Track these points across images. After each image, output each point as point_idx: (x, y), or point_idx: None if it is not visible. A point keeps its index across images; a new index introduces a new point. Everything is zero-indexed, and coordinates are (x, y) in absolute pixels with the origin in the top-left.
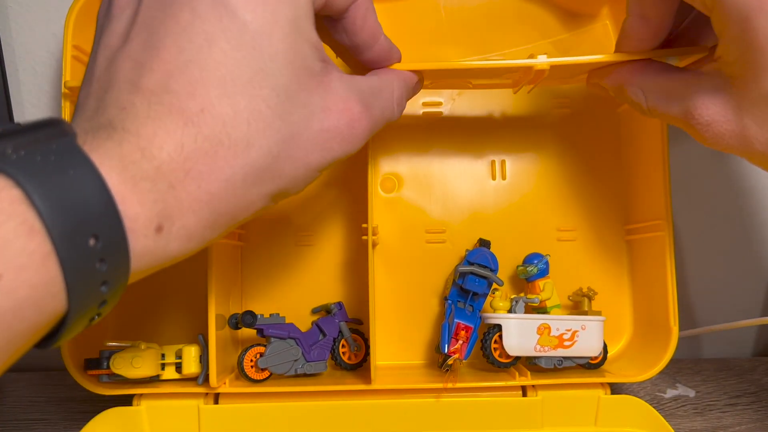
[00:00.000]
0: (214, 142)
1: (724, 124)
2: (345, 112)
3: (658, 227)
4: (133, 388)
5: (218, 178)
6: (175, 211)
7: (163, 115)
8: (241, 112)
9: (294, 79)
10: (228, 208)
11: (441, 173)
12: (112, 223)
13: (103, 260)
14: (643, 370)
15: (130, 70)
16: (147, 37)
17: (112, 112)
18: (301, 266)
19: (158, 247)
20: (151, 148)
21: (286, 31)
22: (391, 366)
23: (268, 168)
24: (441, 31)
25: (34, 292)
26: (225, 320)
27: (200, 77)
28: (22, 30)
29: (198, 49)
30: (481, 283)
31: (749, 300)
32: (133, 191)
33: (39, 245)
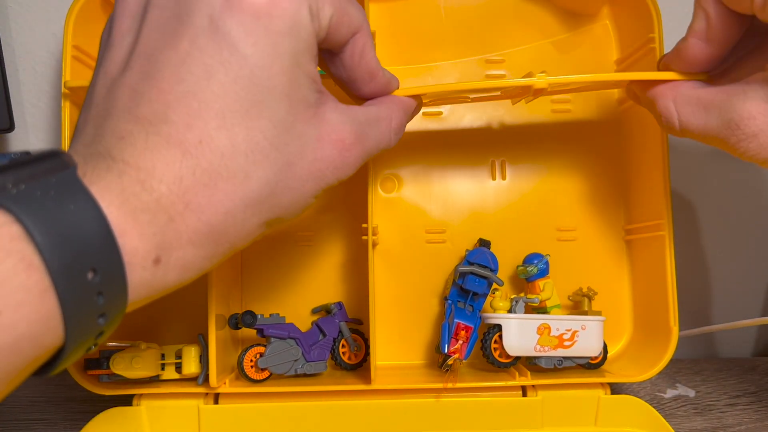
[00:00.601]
0: (213, 174)
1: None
2: (337, 143)
3: (658, 227)
4: (133, 388)
5: (218, 211)
6: (174, 243)
7: (161, 146)
8: (239, 144)
9: (291, 110)
10: (227, 239)
11: (441, 173)
12: (110, 257)
13: (101, 293)
14: (643, 370)
15: (129, 98)
16: (146, 66)
17: (110, 141)
18: (301, 266)
19: (155, 279)
20: (151, 180)
21: (285, 65)
22: (391, 366)
23: (266, 198)
24: (441, 31)
25: (32, 328)
26: (225, 320)
27: (198, 109)
28: (22, 30)
29: (197, 80)
30: (481, 283)
31: (749, 300)
32: (133, 225)
33: (37, 281)
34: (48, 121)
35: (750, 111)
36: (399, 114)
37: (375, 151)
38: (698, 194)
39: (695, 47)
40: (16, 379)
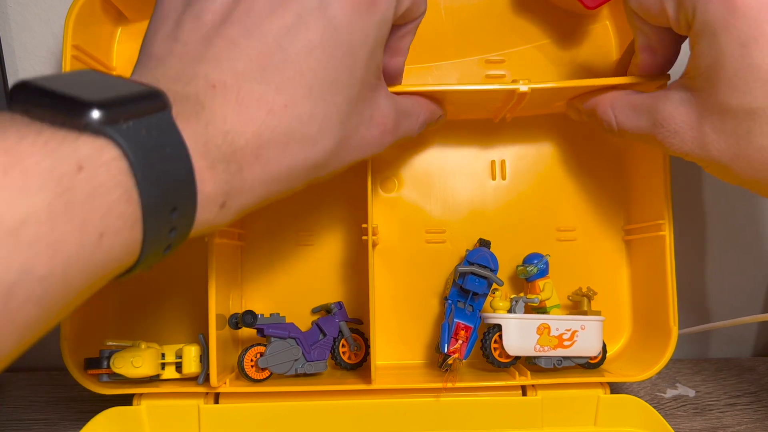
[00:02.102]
0: (288, 135)
1: (689, 131)
2: (381, 125)
3: (658, 227)
4: (133, 387)
5: (281, 165)
6: (237, 190)
7: (251, 103)
8: (318, 114)
9: (361, 91)
10: (278, 189)
11: (441, 173)
12: (190, 200)
13: (174, 228)
14: (642, 370)
15: (228, 50)
16: (250, 26)
17: (201, 86)
18: (301, 266)
19: (216, 219)
20: (234, 134)
21: (369, 52)
22: (391, 366)
23: (323, 163)
24: (441, 31)
25: (121, 252)
26: (225, 320)
27: (292, 77)
28: (22, 30)
29: (297, 52)
30: (481, 283)
31: (749, 300)
32: (211, 173)
33: (132, 213)
34: None
35: (670, 112)
36: (426, 113)
37: (402, 137)
38: (698, 194)
39: (647, 61)
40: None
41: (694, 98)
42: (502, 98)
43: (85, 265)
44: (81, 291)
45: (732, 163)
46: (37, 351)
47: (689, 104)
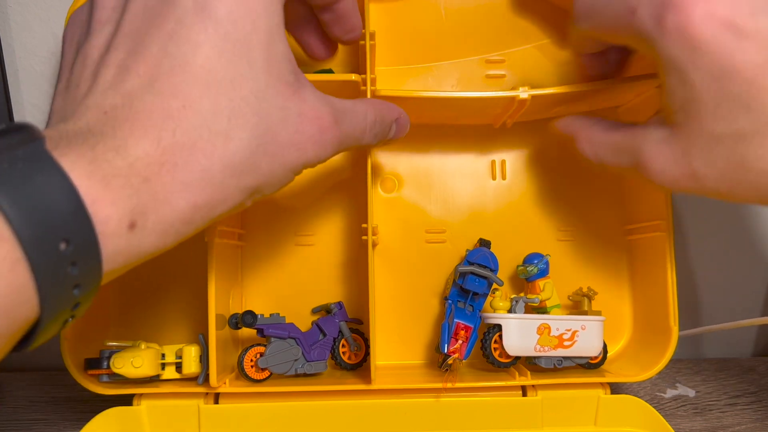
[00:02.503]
0: (193, 135)
1: (676, 169)
2: (316, 120)
3: (658, 227)
4: (133, 387)
5: (194, 169)
6: (149, 205)
7: (144, 114)
8: (223, 110)
9: (271, 84)
10: (204, 200)
11: (441, 173)
12: (82, 227)
13: (75, 263)
14: (642, 370)
15: (115, 75)
16: (132, 45)
17: (92, 117)
18: (301, 266)
19: (131, 245)
20: (126, 146)
21: (262, 41)
22: (391, 366)
23: (246, 161)
24: (441, 31)
25: (5, 300)
26: (225, 320)
27: (184, 79)
28: (22, 30)
29: (183, 54)
30: (481, 283)
31: (749, 300)
32: (105, 190)
33: (8, 252)
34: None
35: (653, 152)
36: (373, 112)
37: (350, 142)
38: None
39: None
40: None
41: (676, 134)
42: (502, 105)
43: None
44: None
45: (731, 191)
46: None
47: (671, 141)
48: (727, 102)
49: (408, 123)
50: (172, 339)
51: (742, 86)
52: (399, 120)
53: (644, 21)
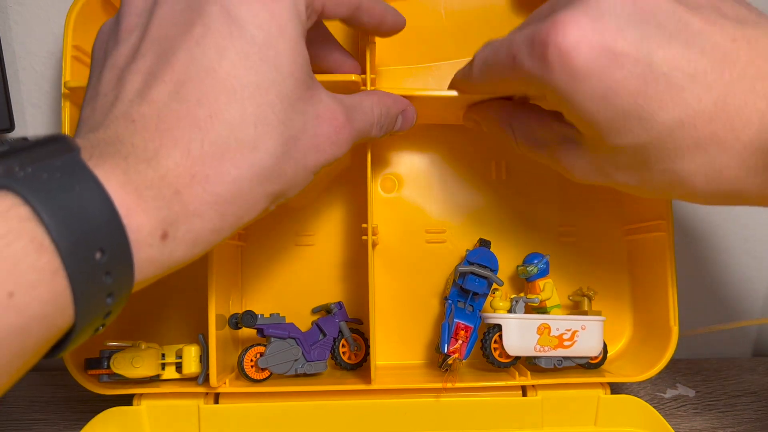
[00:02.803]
0: (221, 145)
1: (585, 166)
2: (332, 121)
3: (658, 227)
4: (133, 387)
5: (224, 180)
6: (180, 216)
7: (172, 123)
8: (249, 117)
9: (294, 88)
10: (233, 210)
11: (441, 173)
12: (117, 237)
13: (109, 273)
14: (643, 370)
15: (141, 83)
16: (159, 52)
17: (121, 125)
18: (301, 266)
19: (163, 255)
20: (158, 157)
21: (289, 45)
22: (391, 366)
23: (272, 168)
24: (441, 31)
25: (44, 308)
26: (225, 320)
27: (210, 86)
28: (22, 30)
29: (209, 59)
30: (481, 283)
31: (749, 300)
32: (138, 201)
33: (48, 262)
34: (48, 121)
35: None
36: (379, 105)
37: (362, 134)
38: None
39: None
40: (29, 361)
41: (583, 146)
42: None
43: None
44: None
45: (640, 186)
46: None
47: (579, 145)
48: (619, 117)
49: (414, 115)
50: (172, 339)
51: (628, 99)
52: (405, 112)
53: (525, 63)
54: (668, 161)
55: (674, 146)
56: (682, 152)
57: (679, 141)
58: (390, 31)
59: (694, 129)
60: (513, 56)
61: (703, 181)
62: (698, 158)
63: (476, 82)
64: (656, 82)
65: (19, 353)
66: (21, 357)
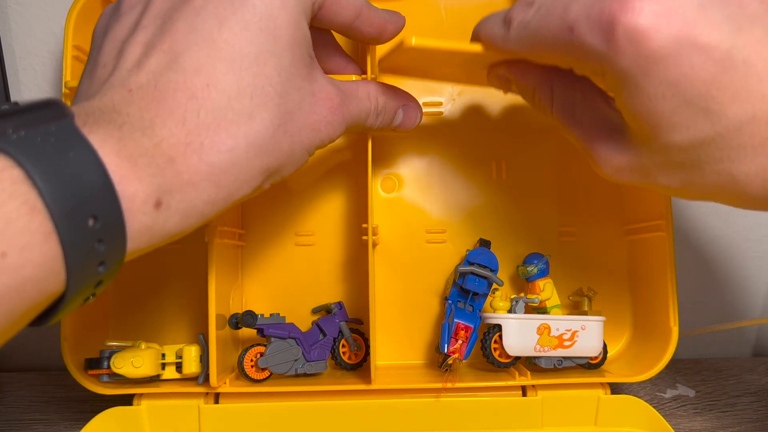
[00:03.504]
0: (217, 115)
1: (623, 162)
2: (327, 101)
3: (658, 227)
4: (133, 387)
5: (220, 149)
6: (174, 185)
7: (168, 93)
8: (245, 88)
9: (293, 63)
10: (228, 181)
11: (441, 173)
12: (110, 204)
13: (101, 240)
14: (643, 370)
15: (141, 53)
16: (160, 23)
17: (117, 95)
18: (301, 266)
19: (156, 224)
20: (153, 126)
21: (290, 19)
22: (391, 366)
23: (268, 140)
24: (441, 31)
25: (36, 271)
26: (225, 320)
27: (208, 55)
28: (22, 30)
29: (209, 28)
30: (481, 283)
31: (749, 300)
32: (132, 169)
33: (41, 224)
34: None
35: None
36: (376, 94)
37: (356, 122)
38: None
39: None
40: (17, 323)
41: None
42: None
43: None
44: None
45: (684, 188)
46: (37, 351)
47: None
48: (685, 108)
49: (418, 113)
50: (172, 339)
51: (700, 88)
52: (407, 108)
53: (586, 38)
54: (726, 161)
55: (738, 144)
56: (745, 152)
57: (745, 138)
58: (390, 39)
59: (765, 126)
60: (570, 27)
61: (760, 186)
62: (761, 159)
63: (512, 46)
64: (734, 70)
65: (8, 315)
66: (10, 319)
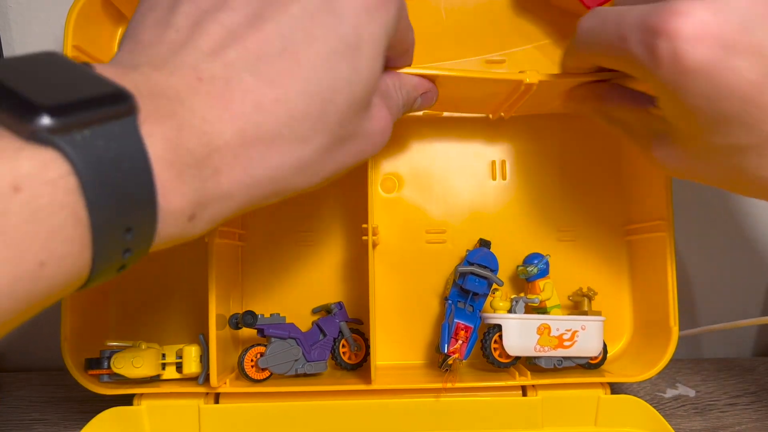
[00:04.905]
0: (275, 133)
1: (677, 163)
2: (381, 120)
3: (658, 227)
4: (133, 387)
5: (266, 165)
6: (212, 197)
7: (238, 96)
8: (312, 113)
9: (364, 95)
10: (261, 195)
11: (441, 173)
12: (148, 219)
13: (129, 250)
14: (643, 370)
15: (221, 38)
16: (250, 14)
17: (185, 78)
18: (301, 266)
19: (184, 232)
20: (212, 134)
21: (375, 51)
22: (391, 366)
23: (313, 164)
24: (441, 31)
25: (67, 278)
26: (225, 320)
27: (288, 69)
28: (22, 30)
29: (297, 42)
30: (481, 284)
31: (749, 300)
32: (178, 183)
33: (81, 235)
34: None
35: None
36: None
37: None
38: (699, 193)
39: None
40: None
41: (674, 137)
42: (507, 90)
43: (21, 298)
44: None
45: (732, 186)
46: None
47: (673, 142)
48: (723, 121)
49: (435, 95)
50: (172, 339)
51: (737, 105)
52: (426, 94)
53: (635, 49)
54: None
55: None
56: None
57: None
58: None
59: None
60: (622, 37)
61: None
62: None
63: (580, 51)
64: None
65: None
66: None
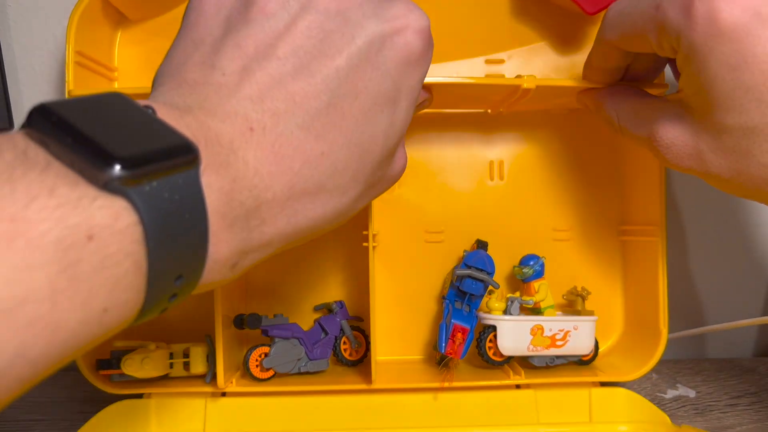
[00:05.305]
0: (320, 185)
1: (683, 147)
2: (402, 160)
3: (651, 232)
4: (143, 387)
5: (309, 216)
6: (255, 246)
7: (288, 151)
8: (351, 165)
9: (395, 145)
10: (296, 241)
11: (440, 173)
12: (197, 268)
13: (175, 295)
14: (632, 370)
15: (268, 87)
16: (297, 64)
17: (238, 125)
18: (303, 266)
19: (224, 278)
20: (262, 188)
21: (410, 102)
22: (390, 361)
23: (348, 211)
24: (441, 31)
25: (120, 323)
26: (230, 321)
27: (334, 124)
28: (22, 30)
29: (343, 97)
30: (477, 286)
31: (749, 300)
32: (228, 233)
33: (139, 283)
34: None
35: (666, 127)
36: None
37: None
38: (699, 193)
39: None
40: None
41: (689, 116)
42: (505, 93)
43: (82, 341)
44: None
45: (732, 179)
46: None
47: (684, 122)
48: (740, 93)
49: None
50: (179, 339)
51: (757, 77)
52: (422, 103)
53: (669, 12)
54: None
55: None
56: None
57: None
58: None
59: None
60: (657, 5)
61: None
62: None
63: (607, 36)
64: None
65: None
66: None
